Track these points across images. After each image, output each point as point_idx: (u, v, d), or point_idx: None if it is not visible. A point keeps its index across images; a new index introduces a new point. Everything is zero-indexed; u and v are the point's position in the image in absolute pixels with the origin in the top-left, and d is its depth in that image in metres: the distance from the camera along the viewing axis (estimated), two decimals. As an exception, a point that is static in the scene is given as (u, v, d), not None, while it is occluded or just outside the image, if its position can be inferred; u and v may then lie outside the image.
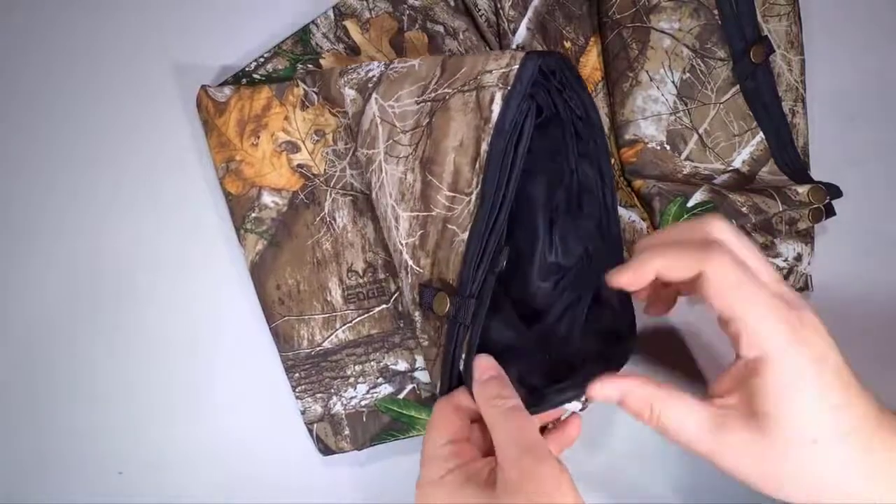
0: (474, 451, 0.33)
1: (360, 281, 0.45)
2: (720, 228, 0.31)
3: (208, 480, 0.46)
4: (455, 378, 0.36)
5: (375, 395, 0.45)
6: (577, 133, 0.39)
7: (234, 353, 0.47)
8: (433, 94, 0.38)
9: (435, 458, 0.32)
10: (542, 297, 0.41)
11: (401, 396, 0.45)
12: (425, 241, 0.38)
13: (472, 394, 0.34)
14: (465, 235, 0.35)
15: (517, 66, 0.35)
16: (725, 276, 0.29)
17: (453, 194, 0.36)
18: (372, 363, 0.45)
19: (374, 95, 0.41)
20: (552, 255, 0.41)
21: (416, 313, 0.39)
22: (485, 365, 0.34)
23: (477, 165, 0.36)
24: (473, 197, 0.35)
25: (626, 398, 0.31)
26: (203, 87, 0.46)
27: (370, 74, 0.42)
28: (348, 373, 0.45)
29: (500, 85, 0.35)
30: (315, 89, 0.46)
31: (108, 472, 0.46)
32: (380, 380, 0.45)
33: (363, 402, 0.45)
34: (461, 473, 0.31)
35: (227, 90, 0.46)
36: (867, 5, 0.51)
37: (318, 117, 0.46)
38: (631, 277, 0.31)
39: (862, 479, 0.29)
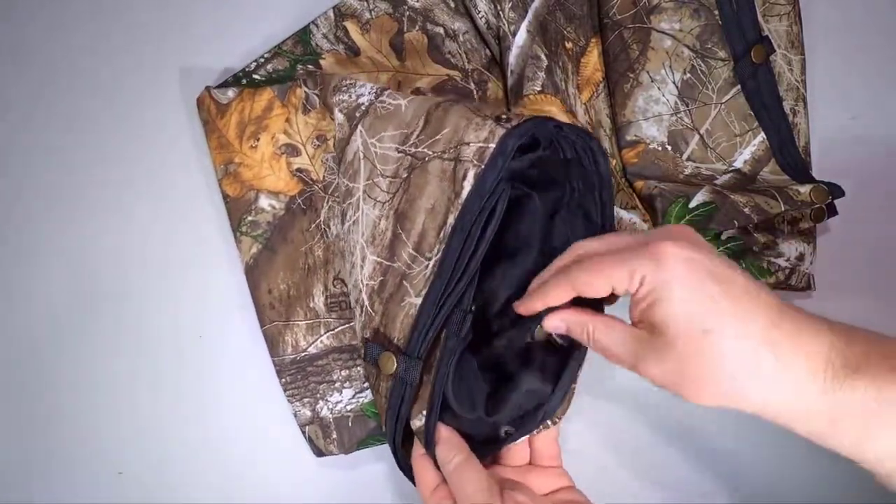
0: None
1: (344, 289, 0.45)
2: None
3: (208, 480, 0.46)
4: (399, 434, 0.38)
5: (361, 399, 0.45)
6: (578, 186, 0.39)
7: (233, 354, 0.47)
8: (413, 150, 0.39)
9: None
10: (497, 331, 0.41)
11: None
12: (383, 289, 0.38)
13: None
14: (418, 301, 0.36)
15: (493, 146, 0.35)
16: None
17: (415, 254, 0.37)
18: (358, 368, 0.45)
19: (360, 127, 0.41)
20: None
21: (359, 361, 0.41)
22: (438, 433, 0.37)
23: (441, 234, 0.36)
24: (431, 263, 0.36)
25: (568, 326, 0.35)
26: (207, 88, 0.46)
27: (360, 101, 0.42)
28: (334, 377, 0.45)
29: (475, 162, 0.35)
30: (317, 92, 0.46)
31: (108, 472, 0.46)
32: (366, 384, 0.45)
33: (349, 407, 0.45)
34: None
35: (231, 92, 0.46)
36: (867, 5, 0.51)
37: (321, 122, 0.46)
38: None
39: (768, 376, 0.30)
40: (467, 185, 0.35)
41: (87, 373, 0.46)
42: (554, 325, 0.36)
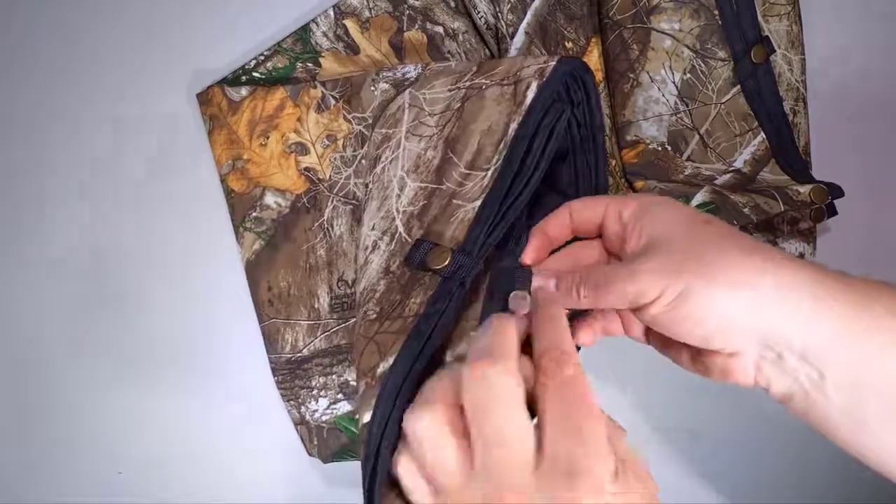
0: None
1: (349, 291, 0.45)
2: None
3: (208, 480, 0.46)
4: (427, 357, 0.31)
5: (335, 410, 0.45)
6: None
7: (233, 353, 0.47)
8: (469, 83, 0.40)
9: (509, 354, 0.27)
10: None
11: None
12: (425, 212, 0.37)
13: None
14: (476, 204, 0.35)
15: (553, 63, 0.37)
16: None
17: (469, 171, 0.37)
18: (333, 377, 0.45)
19: (409, 89, 0.42)
20: None
21: (382, 282, 0.36)
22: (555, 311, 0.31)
23: (501, 144, 0.36)
24: (490, 172, 0.36)
25: (557, 279, 0.32)
26: (219, 84, 0.47)
27: (407, 75, 0.43)
28: (313, 384, 0.45)
29: (537, 76, 0.37)
30: (335, 93, 0.46)
31: (108, 472, 0.46)
32: (339, 395, 0.45)
33: (324, 418, 0.45)
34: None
35: (244, 90, 0.47)
36: (867, 5, 0.51)
37: (332, 122, 0.46)
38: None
39: (779, 256, 0.28)
40: (530, 94, 0.37)
41: (88, 372, 0.46)
42: (546, 282, 0.32)
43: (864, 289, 0.27)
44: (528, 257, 0.34)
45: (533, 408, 0.26)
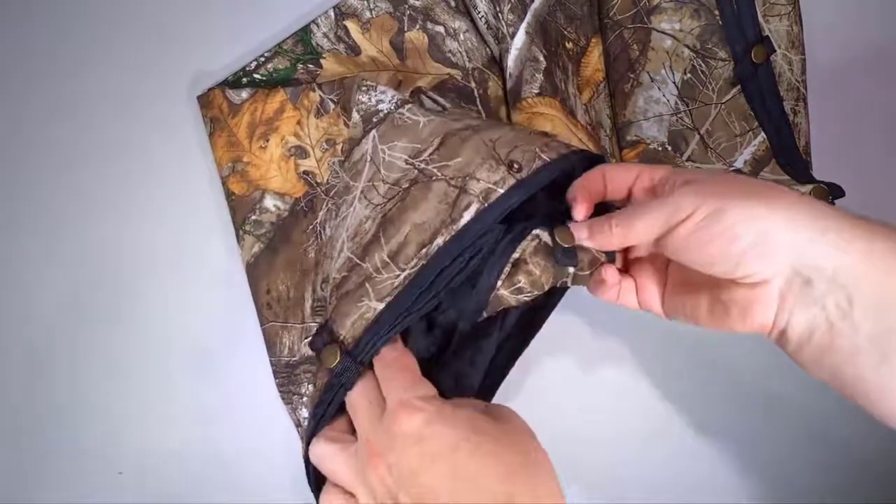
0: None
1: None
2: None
3: (208, 480, 0.45)
4: (319, 429, 0.36)
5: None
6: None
7: (233, 352, 0.47)
8: (423, 166, 0.39)
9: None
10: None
11: None
12: (343, 284, 0.38)
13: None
14: (380, 306, 0.35)
15: (501, 191, 0.35)
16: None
17: (388, 261, 0.36)
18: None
19: (374, 132, 0.42)
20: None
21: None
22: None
23: (424, 250, 0.36)
24: (403, 276, 0.35)
25: (590, 229, 0.34)
26: (220, 86, 0.47)
27: (379, 107, 0.42)
28: (302, 391, 0.45)
29: (480, 199, 0.36)
30: (333, 97, 0.46)
31: (108, 472, 0.45)
32: None
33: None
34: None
35: (245, 92, 0.47)
36: (867, 5, 0.51)
37: (332, 126, 0.46)
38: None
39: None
40: (467, 216, 0.35)
41: (88, 372, 0.46)
42: (579, 228, 0.35)
43: (887, 229, 0.28)
44: (579, 214, 0.35)
45: None
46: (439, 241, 0.35)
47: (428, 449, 0.30)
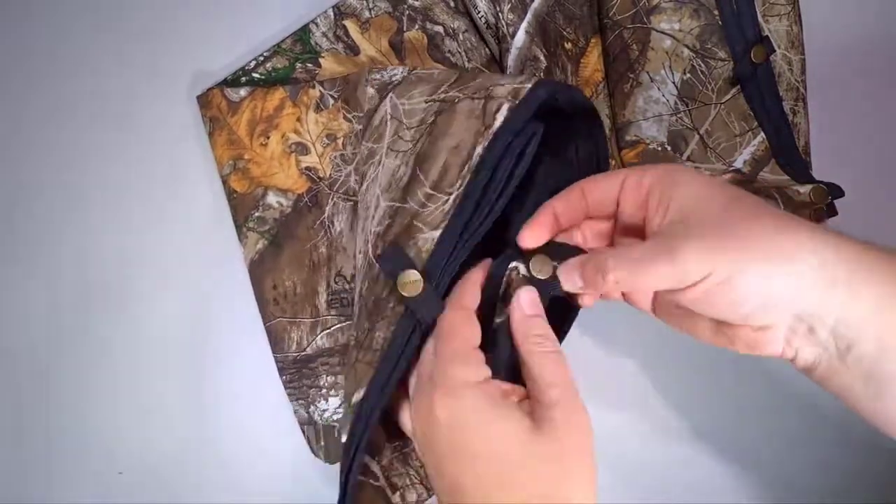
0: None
1: (347, 286, 0.45)
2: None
3: (208, 480, 0.46)
4: (392, 386, 0.33)
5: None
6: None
7: (233, 352, 0.47)
8: (443, 95, 0.38)
9: (469, 360, 0.30)
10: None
11: None
12: (387, 233, 0.36)
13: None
14: (436, 234, 0.34)
15: (530, 85, 0.35)
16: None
17: (432, 192, 0.35)
18: (343, 376, 0.45)
19: (390, 94, 0.41)
20: None
21: (356, 306, 0.37)
22: (531, 300, 0.32)
23: (466, 168, 0.34)
24: (452, 198, 0.34)
25: (583, 272, 0.31)
26: (219, 86, 0.47)
27: (393, 78, 0.42)
28: (321, 383, 0.45)
29: (510, 98, 0.35)
30: (333, 93, 0.46)
31: (108, 472, 0.46)
32: None
33: (335, 417, 0.44)
34: (494, 387, 0.30)
35: (243, 91, 0.47)
36: (867, 5, 0.51)
37: (332, 121, 0.46)
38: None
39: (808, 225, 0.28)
40: (500, 118, 0.34)
41: (88, 372, 0.46)
42: (570, 278, 0.32)
43: None
44: (525, 238, 0.32)
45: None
46: (478, 150, 0.34)
47: (453, 446, 0.28)
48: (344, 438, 0.34)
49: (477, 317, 0.32)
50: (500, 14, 0.46)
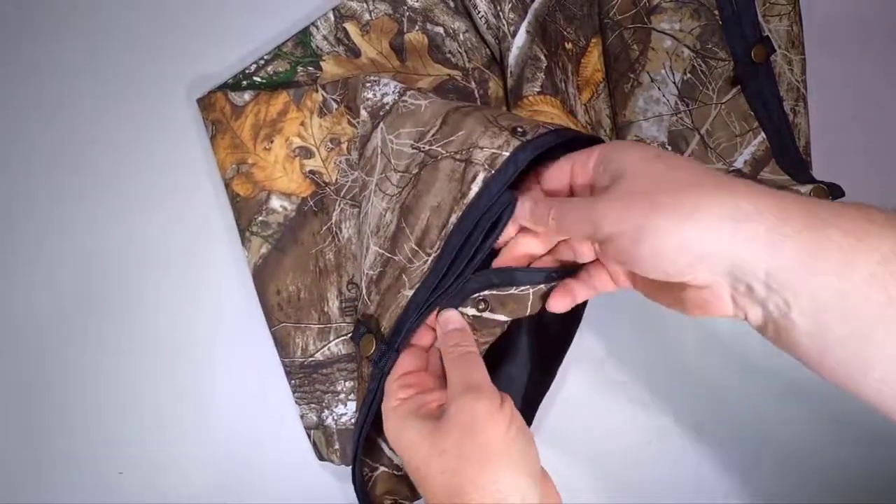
0: (431, 381, 0.36)
1: (359, 294, 0.45)
2: None
3: (208, 481, 0.46)
4: (373, 414, 0.38)
5: None
6: None
7: (235, 354, 0.47)
8: (427, 147, 0.39)
9: (389, 391, 0.36)
10: None
11: None
12: (381, 280, 0.39)
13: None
14: (410, 293, 0.37)
15: (506, 154, 0.35)
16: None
17: (417, 249, 0.37)
18: None
19: (381, 125, 0.42)
20: None
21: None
22: (450, 318, 0.37)
23: (443, 232, 0.36)
24: (430, 260, 0.36)
25: (531, 212, 0.34)
26: (221, 89, 0.47)
27: (385, 100, 0.42)
28: (338, 388, 0.45)
29: (486, 166, 0.35)
30: (336, 97, 0.46)
31: (108, 472, 0.46)
32: None
33: (353, 420, 0.45)
34: (411, 403, 0.35)
35: (247, 95, 0.47)
36: (867, 5, 0.51)
37: (336, 125, 0.46)
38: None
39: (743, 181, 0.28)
40: (475, 188, 0.35)
41: (89, 372, 0.46)
42: (522, 208, 0.34)
43: (821, 213, 0.27)
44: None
45: None
46: (453, 218, 0.36)
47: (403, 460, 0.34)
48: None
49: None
50: (500, 14, 0.46)
